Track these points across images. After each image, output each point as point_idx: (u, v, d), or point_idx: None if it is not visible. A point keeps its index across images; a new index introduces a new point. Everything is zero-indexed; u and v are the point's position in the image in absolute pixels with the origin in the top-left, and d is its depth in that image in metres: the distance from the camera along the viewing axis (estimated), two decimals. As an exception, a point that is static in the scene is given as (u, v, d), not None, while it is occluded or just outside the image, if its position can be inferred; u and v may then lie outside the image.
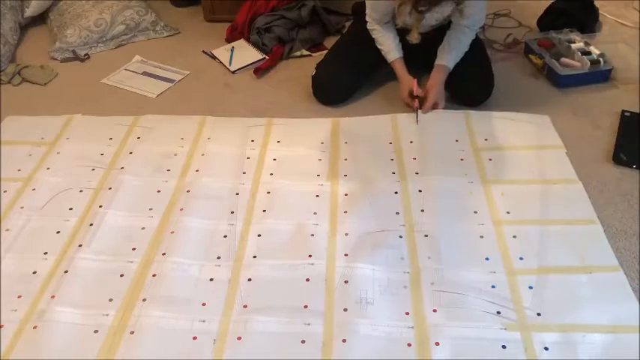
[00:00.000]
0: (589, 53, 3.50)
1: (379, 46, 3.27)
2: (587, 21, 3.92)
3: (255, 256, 2.44)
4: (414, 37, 2.85)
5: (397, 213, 2.62)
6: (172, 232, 2.55)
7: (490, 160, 2.89)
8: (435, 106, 3.20)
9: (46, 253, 2.48)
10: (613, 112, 3.22)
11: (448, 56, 3.16)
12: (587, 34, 3.77)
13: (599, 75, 3.46)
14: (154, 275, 2.37)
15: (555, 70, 3.42)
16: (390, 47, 3.24)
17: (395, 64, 3.27)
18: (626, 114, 3.17)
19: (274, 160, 2.93)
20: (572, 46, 3.56)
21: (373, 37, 3.27)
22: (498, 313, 2.19)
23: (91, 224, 2.60)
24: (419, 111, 3.16)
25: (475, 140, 3.00)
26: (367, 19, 3.24)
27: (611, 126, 3.12)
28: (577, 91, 3.40)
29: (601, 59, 3.45)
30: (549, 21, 3.93)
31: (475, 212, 2.61)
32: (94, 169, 2.90)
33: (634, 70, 3.55)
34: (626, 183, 2.77)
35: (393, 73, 3.31)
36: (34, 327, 2.19)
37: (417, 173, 2.81)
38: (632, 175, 2.81)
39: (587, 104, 3.30)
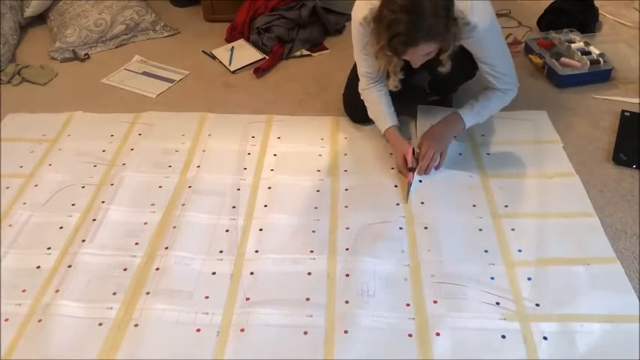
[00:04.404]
0: (589, 53, 3.52)
1: (369, 111, 2.96)
2: (587, 21, 3.93)
3: (257, 251, 2.47)
4: (392, 85, 2.68)
5: (397, 204, 2.65)
6: (175, 227, 2.57)
7: (488, 154, 2.92)
8: (432, 164, 2.80)
9: (49, 248, 2.50)
10: (613, 112, 3.23)
11: (468, 108, 2.82)
12: (587, 34, 3.78)
13: (599, 75, 3.47)
14: (157, 269, 2.40)
15: (555, 70, 3.44)
16: (381, 113, 2.91)
17: (387, 133, 2.89)
18: (626, 114, 3.18)
19: (275, 155, 2.96)
20: (572, 46, 3.57)
21: (365, 100, 2.94)
22: (498, 303, 2.21)
23: (94, 219, 2.62)
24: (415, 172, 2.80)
25: (473, 136, 3.03)
26: (360, 81, 2.92)
27: (611, 126, 3.13)
28: (577, 91, 3.41)
29: (601, 59, 3.47)
30: (549, 21, 3.95)
31: (474, 205, 2.64)
32: (95, 166, 2.92)
33: (634, 70, 3.55)
34: (626, 183, 2.78)
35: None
36: (39, 320, 2.21)
37: (420, 181, 2.81)
38: (632, 175, 2.83)
39: (587, 104, 3.31)
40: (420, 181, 2.75)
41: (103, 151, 3.02)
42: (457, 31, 2.37)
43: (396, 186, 2.76)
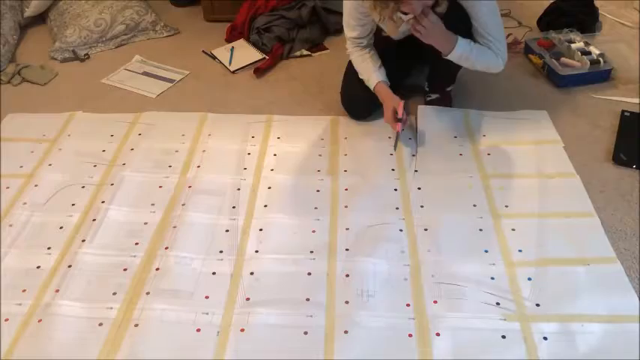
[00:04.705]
0: (589, 53, 3.52)
1: (359, 74, 3.02)
2: (587, 21, 3.93)
3: (257, 251, 2.47)
4: (389, 30, 2.73)
5: (397, 208, 2.65)
6: (175, 227, 2.57)
7: (489, 155, 2.92)
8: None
9: (49, 248, 2.50)
10: (613, 112, 3.23)
11: (465, 39, 2.76)
12: (587, 34, 3.78)
13: (599, 75, 3.47)
14: (157, 269, 2.40)
15: (555, 70, 3.44)
16: (370, 72, 2.97)
17: (377, 88, 2.97)
18: (626, 114, 3.18)
19: (275, 155, 2.96)
20: (572, 46, 3.57)
21: (353, 64, 3.04)
22: (498, 304, 2.22)
23: (94, 219, 2.62)
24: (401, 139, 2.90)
25: (474, 136, 3.03)
26: (347, 43, 3.00)
27: (611, 126, 3.13)
28: (577, 91, 3.41)
29: (601, 59, 3.47)
30: (549, 21, 3.95)
31: (474, 206, 2.64)
32: (95, 166, 2.92)
33: (634, 70, 3.56)
34: (626, 183, 2.78)
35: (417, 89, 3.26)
36: (39, 320, 2.21)
37: (415, 171, 2.83)
38: (632, 175, 2.83)
39: (587, 104, 3.31)
40: (416, 170, 2.76)
41: (103, 151, 3.02)
42: None
43: (395, 189, 2.75)
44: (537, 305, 2.21)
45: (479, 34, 2.75)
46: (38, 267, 2.43)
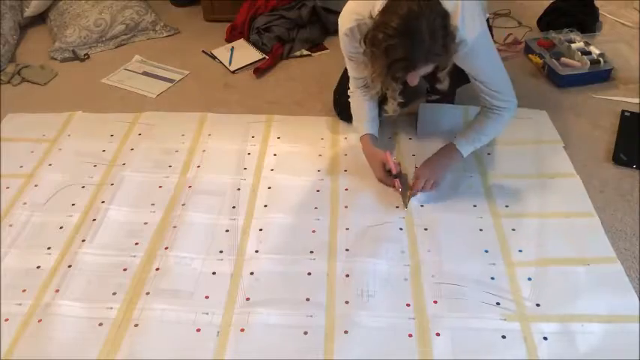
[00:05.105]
0: (589, 53, 3.52)
1: (353, 117, 2.91)
2: (587, 21, 3.94)
3: (257, 251, 2.47)
4: (391, 109, 2.56)
5: (397, 207, 2.65)
6: (175, 227, 2.57)
7: (489, 154, 2.92)
8: (427, 186, 2.68)
9: (49, 248, 2.50)
10: (613, 112, 3.23)
11: (462, 137, 2.69)
12: (587, 34, 3.78)
13: (600, 75, 3.47)
14: (157, 269, 2.40)
15: (555, 70, 3.44)
16: (361, 120, 2.85)
17: (362, 140, 2.84)
18: (626, 114, 3.18)
19: (275, 155, 2.96)
20: (572, 46, 3.57)
21: (351, 105, 2.89)
22: (498, 304, 2.22)
23: (94, 219, 2.62)
24: (408, 193, 2.71)
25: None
26: (350, 83, 2.84)
27: (611, 126, 3.13)
28: (577, 91, 3.41)
29: (601, 59, 3.47)
30: (549, 21, 3.95)
31: (474, 206, 2.65)
32: (95, 166, 2.92)
33: (634, 70, 3.57)
34: (626, 183, 2.79)
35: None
36: (39, 320, 2.21)
37: (416, 167, 2.79)
38: (632, 175, 2.83)
39: (587, 104, 3.32)
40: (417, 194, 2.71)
41: (103, 151, 3.02)
42: (455, 49, 2.27)
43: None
44: (537, 305, 2.21)
45: (482, 91, 2.58)
46: (38, 267, 2.42)
